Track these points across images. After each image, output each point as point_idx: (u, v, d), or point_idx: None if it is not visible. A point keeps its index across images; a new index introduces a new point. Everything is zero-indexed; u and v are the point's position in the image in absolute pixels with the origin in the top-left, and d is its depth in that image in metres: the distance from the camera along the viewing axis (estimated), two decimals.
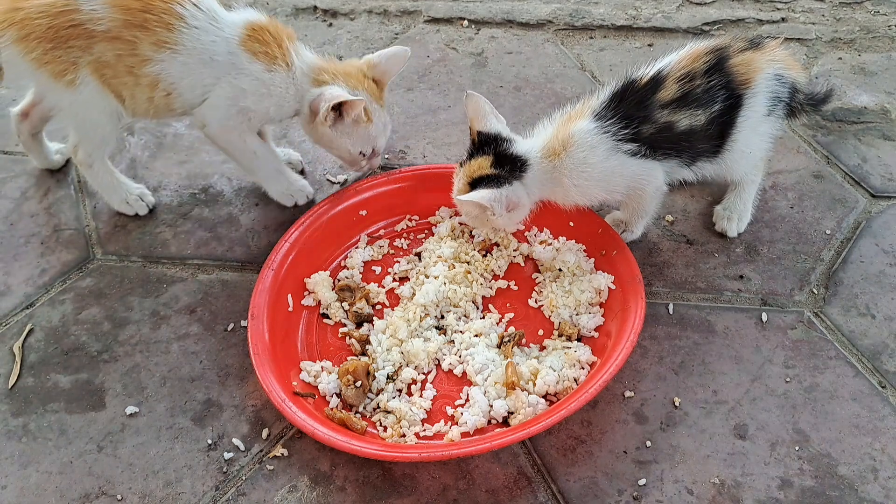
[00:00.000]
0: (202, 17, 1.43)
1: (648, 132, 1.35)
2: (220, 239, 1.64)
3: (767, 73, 1.40)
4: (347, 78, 1.49)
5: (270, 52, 1.46)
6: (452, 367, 1.37)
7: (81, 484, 1.25)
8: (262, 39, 1.46)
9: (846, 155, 1.74)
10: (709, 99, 1.36)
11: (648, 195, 1.44)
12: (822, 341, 1.39)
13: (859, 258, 1.53)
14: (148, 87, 1.46)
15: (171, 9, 1.40)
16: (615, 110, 1.36)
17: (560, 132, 1.38)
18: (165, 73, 1.44)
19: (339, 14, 2.30)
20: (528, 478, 1.23)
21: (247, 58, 1.45)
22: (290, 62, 1.48)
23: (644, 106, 1.35)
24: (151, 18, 1.39)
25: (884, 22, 2.14)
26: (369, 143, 1.55)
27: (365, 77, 1.52)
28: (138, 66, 1.43)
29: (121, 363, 1.42)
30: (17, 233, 1.68)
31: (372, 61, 1.54)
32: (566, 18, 2.22)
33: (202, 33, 1.43)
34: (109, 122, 1.53)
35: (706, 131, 1.38)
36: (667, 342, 1.40)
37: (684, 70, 1.37)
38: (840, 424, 1.27)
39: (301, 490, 1.23)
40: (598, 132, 1.36)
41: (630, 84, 1.38)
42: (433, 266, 1.51)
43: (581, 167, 1.36)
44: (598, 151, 1.35)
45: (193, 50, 1.43)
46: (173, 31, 1.41)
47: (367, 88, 1.51)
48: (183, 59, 1.43)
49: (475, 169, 1.37)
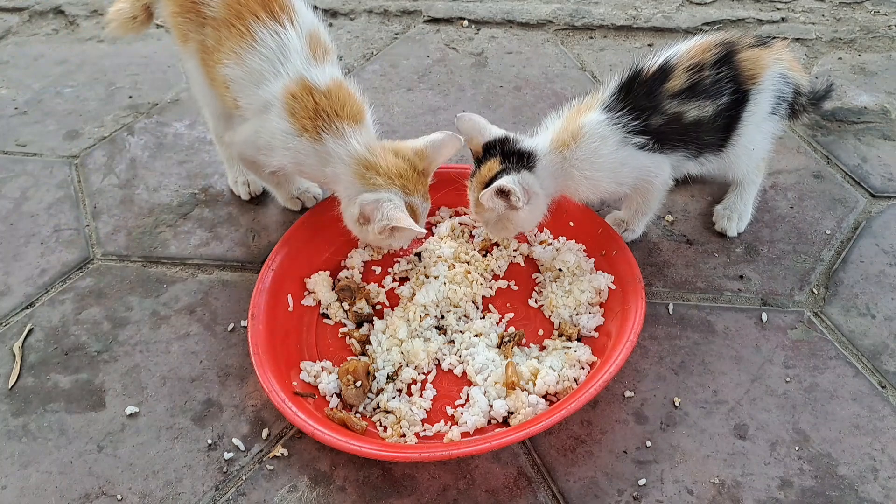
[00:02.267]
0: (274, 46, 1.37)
1: (657, 123, 1.35)
2: (220, 239, 1.64)
3: (773, 72, 1.40)
4: (402, 181, 1.36)
5: (306, 123, 1.37)
6: (452, 367, 1.37)
7: (81, 484, 1.25)
8: (304, 105, 1.36)
9: (846, 155, 1.74)
10: (717, 91, 1.36)
11: (656, 189, 1.44)
12: (822, 341, 1.39)
13: (859, 258, 1.53)
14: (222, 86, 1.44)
15: (249, 25, 1.36)
16: (624, 101, 1.36)
17: (569, 124, 1.38)
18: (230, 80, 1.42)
19: (339, 14, 2.30)
20: (528, 478, 1.23)
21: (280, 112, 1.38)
22: (322, 139, 1.37)
23: (653, 96, 1.35)
24: (238, 24, 1.37)
25: (884, 22, 2.14)
26: (407, 239, 1.45)
27: (417, 175, 1.38)
28: (216, 64, 1.41)
29: (121, 363, 1.42)
30: (17, 233, 1.68)
31: (423, 152, 1.40)
32: (566, 18, 2.22)
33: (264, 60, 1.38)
34: (214, 101, 1.53)
35: (713, 123, 1.38)
36: (667, 342, 1.40)
37: (693, 60, 1.36)
38: (840, 424, 1.27)
39: (301, 490, 1.23)
40: (609, 123, 1.35)
41: (637, 74, 1.38)
42: (433, 266, 1.51)
43: (591, 158, 1.35)
44: (609, 143, 1.35)
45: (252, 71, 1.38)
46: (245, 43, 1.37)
47: (421, 190, 1.39)
48: (241, 74, 1.39)
49: (486, 173, 1.36)
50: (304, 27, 1.40)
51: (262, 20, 1.36)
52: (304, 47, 1.38)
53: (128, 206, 1.73)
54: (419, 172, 1.39)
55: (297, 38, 1.38)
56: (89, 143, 1.90)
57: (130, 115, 1.98)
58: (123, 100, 2.04)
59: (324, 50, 1.42)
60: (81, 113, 2.00)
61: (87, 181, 1.80)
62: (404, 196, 1.36)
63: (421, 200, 1.39)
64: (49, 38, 2.31)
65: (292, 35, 1.37)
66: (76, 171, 1.83)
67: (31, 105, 2.04)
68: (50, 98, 2.06)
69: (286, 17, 1.37)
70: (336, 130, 1.36)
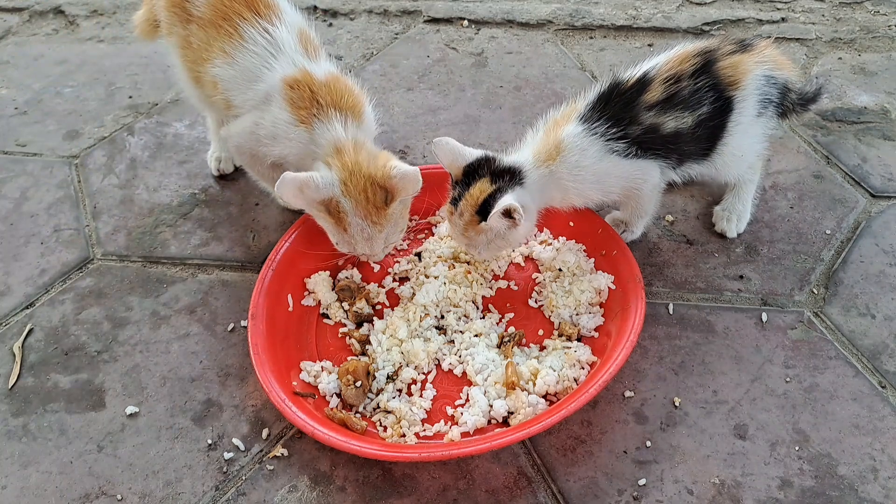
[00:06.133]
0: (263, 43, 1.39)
1: (635, 133, 1.35)
2: (220, 239, 1.64)
3: (756, 75, 1.39)
4: (350, 177, 1.32)
5: (303, 113, 1.37)
6: (452, 367, 1.37)
7: (81, 484, 1.25)
8: (301, 95, 1.37)
9: (846, 155, 1.74)
10: (696, 101, 1.35)
11: (645, 194, 1.44)
12: (822, 341, 1.39)
13: (859, 258, 1.53)
14: (211, 86, 1.47)
15: (237, 25, 1.39)
16: (601, 112, 1.36)
17: (550, 137, 1.38)
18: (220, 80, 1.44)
19: (339, 14, 2.30)
20: (528, 478, 1.23)
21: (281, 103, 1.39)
22: (313, 127, 1.37)
23: (630, 107, 1.35)
24: (225, 24, 1.40)
25: (884, 22, 2.14)
26: (344, 244, 1.39)
27: (371, 183, 1.32)
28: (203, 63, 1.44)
29: (121, 363, 1.42)
30: (17, 233, 1.68)
31: (390, 173, 1.33)
32: (566, 18, 2.22)
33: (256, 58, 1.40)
34: (195, 91, 1.57)
35: (693, 133, 1.37)
36: (667, 342, 1.40)
37: (671, 72, 1.36)
38: (840, 424, 1.27)
39: (301, 490, 1.23)
40: (587, 134, 1.35)
41: (616, 86, 1.38)
42: (433, 266, 1.51)
43: (575, 171, 1.35)
44: (590, 154, 1.35)
45: (244, 70, 1.41)
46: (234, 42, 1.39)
47: (359, 199, 1.32)
48: (233, 74, 1.42)
49: (477, 195, 1.33)
50: (293, 24, 1.43)
51: (248, 19, 1.39)
52: (296, 43, 1.41)
53: (128, 206, 1.73)
54: (374, 183, 1.32)
55: (287, 34, 1.40)
56: (89, 143, 1.90)
57: (130, 115, 1.98)
58: (123, 100, 2.04)
59: (314, 46, 1.44)
60: (81, 113, 2.00)
61: (87, 181, 1.80)
62: (341, 192, 1.31)
63: (352, 207, 1.32)
64: (49, 38, 2.31)
65: (282, 30, 1.40)
66: (76, 171, 1.83)
67: (31, 105, 2.04)
68: (50, 98, 2.06)
69: (273, 15, 1.40)
70: (327, 119, 1.36)
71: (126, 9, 2.41)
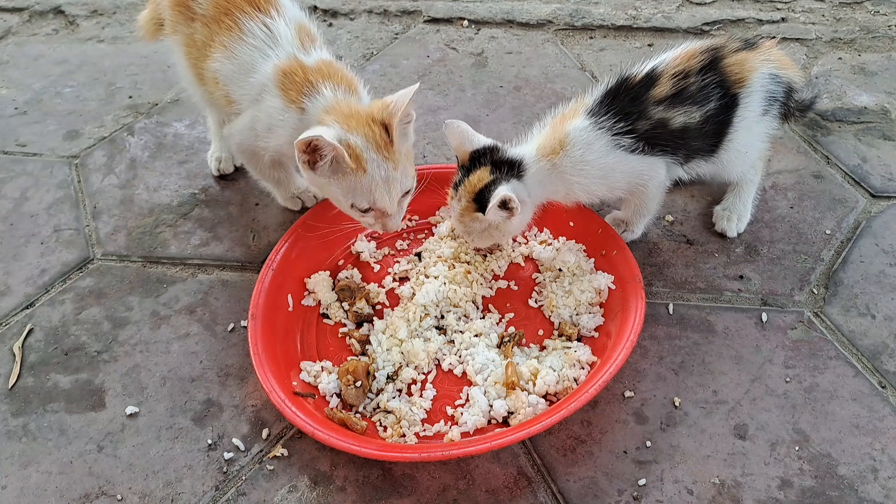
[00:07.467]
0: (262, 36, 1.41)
1: (643, 128, 1.35)
2: (220, 239, 1.64)
3: (762, 73, 1.40)
4: (348, 119, 1.30)
5: (293, 95, 1.37)
6: (452, 367, 1.37)
7: (81, 484, 1.25)
8: (293, 80, 1.37)
9: (846, 155, 1.74)
10: (703, 97, 1.36)
11: (650, 191, 1.44)
12: (822, 341, 1.39)
13: (859, 258, 1.53)
14: (212, 83, 1.48)
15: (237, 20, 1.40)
16: (609, 106, 1.36)
17: (555, 131, 1.38)
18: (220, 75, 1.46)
19: (339, 14, 2.30)
20: (528, 478, 1.23)
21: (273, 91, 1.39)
22: (304, 106, 1.36)
23: (638, 102, 1.35)
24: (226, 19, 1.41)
25: (884, 22, 2.14)
26: (362, 195, 1.32)
27: (372, 121, 1.30)
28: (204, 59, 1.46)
29: (121, 363, 1.42)
30: (17, 233, 1.68)
31: (384, 103, 1.33)
32: (566, 18, 2.22)
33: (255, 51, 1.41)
34: (198, 90, 1.59)
35: (701, 129, 1.38)
36: (667, 342, 1.40)
37: (679, 68, 1.37)
38: (840, 424, 1.27)
39: (301, 490, 1.23)
40: (594, 129, 1.36)
41: (624, 81, 1.38)
42: (433, 266, 1.51)
43: (579, 165, 1.36)
44: (595, 148, 1.35)
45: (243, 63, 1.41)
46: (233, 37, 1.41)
47: (368, 134, 1.29)
48: (232, 69, 1.43)
49: (475, 182, 1.35)
50: (292, 18, 1.44)
51: (248, 13, 1.40)
52: (294, 37, 1.42)
53: (128, 206, 1.73)
54: (373, 119, 1.30)
55: (285, 27, 1.42)
56: (89, 143, 1.91)
57: (130, 115, 1.98)
58: (123, 100, 2.04)
59: (311, 38, 1.45)
60: (81, 113, 2.00)
61: (87, 181, 1.80)
62: (345, 132, 1.29)
63: (363, 142, 1.29)
64: (49, 38, 2.31)
65: (280, 24, 1.41)
66: (76, 171, 1.83)
67: (31, 105, 2.04)
68: (50, 98, 2.06)
69: (272, 9, 1.42)
70: (319, 94, 1.35)
71: (126, 9, 2.41)
